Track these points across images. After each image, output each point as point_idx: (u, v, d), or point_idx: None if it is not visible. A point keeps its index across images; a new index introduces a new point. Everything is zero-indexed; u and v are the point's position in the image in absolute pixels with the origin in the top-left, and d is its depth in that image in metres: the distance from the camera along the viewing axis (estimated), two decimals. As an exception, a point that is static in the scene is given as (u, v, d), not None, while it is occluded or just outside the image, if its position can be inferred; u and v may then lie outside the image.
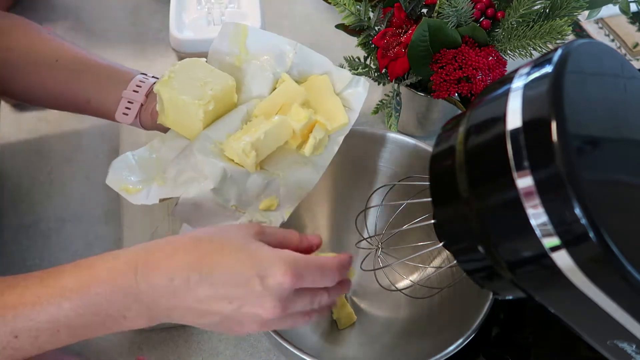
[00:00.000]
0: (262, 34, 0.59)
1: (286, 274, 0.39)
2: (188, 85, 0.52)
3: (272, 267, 0.39)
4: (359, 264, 0.59)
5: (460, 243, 0.41)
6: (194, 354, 0.61)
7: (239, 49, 0.58)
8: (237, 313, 0.40)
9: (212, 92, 0.52)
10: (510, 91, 0.36)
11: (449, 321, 0.55)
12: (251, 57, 0.58)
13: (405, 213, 0.59)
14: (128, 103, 0.57)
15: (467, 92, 0.63)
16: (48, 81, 0.59)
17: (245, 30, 0.58)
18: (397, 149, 0.63)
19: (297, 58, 0.59)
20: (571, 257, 0.32)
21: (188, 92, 0.52)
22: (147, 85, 0.57)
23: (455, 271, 0.59)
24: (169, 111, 0.54)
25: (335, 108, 0.57)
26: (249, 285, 0.39)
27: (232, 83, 0.54)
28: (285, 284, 0.39)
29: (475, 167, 0.37)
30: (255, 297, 0.39)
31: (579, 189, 0.31)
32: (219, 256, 0.39)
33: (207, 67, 0.54)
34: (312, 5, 1.00)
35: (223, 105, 0.55)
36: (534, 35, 0.61)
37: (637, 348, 0.36)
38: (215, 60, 0.58)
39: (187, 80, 0.53)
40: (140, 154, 0.55)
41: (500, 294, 0.42)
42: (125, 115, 0.57)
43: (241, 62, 0.58)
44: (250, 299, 0.39)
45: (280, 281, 0.38)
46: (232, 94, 0.55)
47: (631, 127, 0.38)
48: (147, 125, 0.59)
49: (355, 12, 0.67)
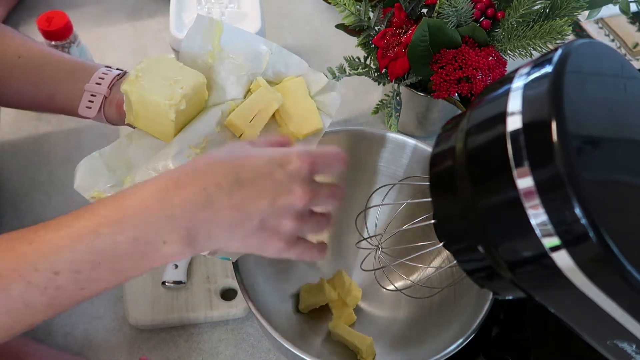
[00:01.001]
0: (237, 32, 0.57)
1: (301, 158, 0.41)
2: (157, 84, 0.50)
3: (287, 156, 0.41)
4: (359, 264, 0.59)
5: (460, 243, 0.41)
6: (194, 354, 0.61)
7: (212, 45, 0.56)
8: (272, 209, 0.40)
9: (183, 90, 0.50)
10: (510, 91, 0.36)
11: (449, 321, 0.55)
12: (225, 56, 0.56)
13: (405, 213, 0.59)
14: (91, 96, 0.55)
15: (467, 92, 0.63)
16: (11, 78, 0.57)
17: (220, 27, 0.56)
18: (397, 149, 0.63)
19: (273, 59, 0.57)
20: (571, 257, 0.32)
21: (158, 92, 0.50)
22: (110, 77, 0.56)
23: (455, 271, 0.59)
24: (138, 112, 0.52)
25: (309, 112, 0.57)
26: (274, 176, 0.40)
27: (202, 80, 0.52)
28: (304, 167, 0.40)
29: (475, 167, 0.37)
30: (283, 185, 0.40)
31: (579, 189, 0.31)
32: (240, 162, 0.40)
33: (176, 64, 0.52)
34: (312, 5, 1.00)
35: (194, 104, 0.53)
36: (534, 35, 0.61)
37: (637, 348, 0.36)
38: (188, 54, 0.56)
39: (156, 79, 0.50)
40: (106, 153, 0.52)
41: (500, 294, 0.42)
42: (88, 109, 0.55)
43: (214, 59, 0.56)
44: (279, 189, 0.40)
45: (299, 165, 0.40)
46: (203, 91, 0.53)
47: (631, 127, 0.38)
48: (112, 120, 0.57)
49: (355, 12, 0.67)
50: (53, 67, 0.57)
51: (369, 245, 0.58)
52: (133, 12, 0.98)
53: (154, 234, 0.39)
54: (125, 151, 0.53)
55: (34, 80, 0.57)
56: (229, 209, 0.39)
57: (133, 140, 0.54)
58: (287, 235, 0.41)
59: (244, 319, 0.64)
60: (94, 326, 0.62)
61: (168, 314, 0.61)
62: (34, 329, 0.61)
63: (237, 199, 0.39)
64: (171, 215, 0.39)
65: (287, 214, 0.41)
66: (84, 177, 0.51)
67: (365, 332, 0.59)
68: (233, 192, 0.39)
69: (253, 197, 0.39)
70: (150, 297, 0.62)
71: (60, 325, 0.62)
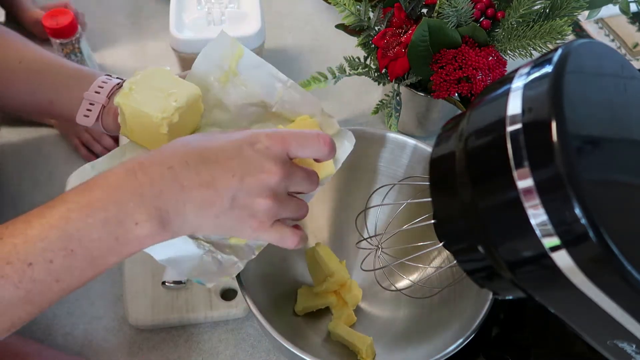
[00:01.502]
0: (256, 60, 0.55)
1: (270, 137, 0.41)
2: (150, 96, 0.50)
3: (255, 135, 0.41)
4: (359, 264, 0.59)
5: (460, 243, 0.41)
6: (194, 354, 0.61)
7: (228, 67, 0.55)
8: (242, 186, 0.39)
9: (177, 103, 0.49)
10: (510, 91, 0.36)
11: (449, 321, 0.55)
12: (239, 81, 0.55)
13: (405, 213, 0.59)
14: (89, 104, 0.55)
15: (467, 92, 0.63)
16: (11, 83, 0.57)
17: (241, 51, 0.55)
18: (397, 149, 0.63)
19: (287, 95, 0.55)
20: (571, 257, 0.32)
21: (150, 105, 0.49)
22: (109, 86, 0.56)
23: (455, 271, 0.59)
24: (132, 124, 0.51)
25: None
26: (243, 153, 0.40)
27: (197, 92, 0.51)
28: (274, 146, 0.40)
29: (475, 167, 0.37)
30: (253, 163, 0.40)
31: (579, 189, 0.31)
32: (207, 143, 0.41)
33: (171, 77, 0.52)
34: (312, 5, 1.00)
35: (189, 117, 0.52)
36: (534, 35, 0.61)
37: (637, 348, 0.36)
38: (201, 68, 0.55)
39: (149, 92, 0.50)
40: (100, 164, 0.52)
41: (500, 294, 0.42)
42: (86, 118, 0.55)
43: (227, 80, 0.55)
44: (249, 166, 0.40)
45: (268, 144, 0.40)
46: (199, 104, 0.52)
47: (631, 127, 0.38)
48: (109, 129, 0.57)
49: (355, 12, 0.67)
50: (54, 73, 0.57)
51: (369, 246, 0.58)
52: (133, 12, 0.98)
53: (124, 214, 0.38)
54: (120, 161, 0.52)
55: (34, 86, 0.57)
56: (197, 186, 0.39)
57: (127, 153, 0.53)
58: (262, 214, 0.41)
59: (244, 319, 0.64)
60: (94, 326, 0.62)
61: (168, 314, 0.61)
62: (33, 329, 0.61)
63: (205, 176, 0.39)
64: (140, 194, 0.38)
65: (261, 192, 0.40)
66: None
67: (365, 332, 0.59)
68: (200, 170, 0.39)
69: (221, 174, 0.39)
70: (150, 297, 0.62)
71: (60, 325, 0.62)
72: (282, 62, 0.90)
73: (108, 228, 0.38)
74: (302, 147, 0.42)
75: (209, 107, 0.54)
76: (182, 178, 0.39)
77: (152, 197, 0.39)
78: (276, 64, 0.55)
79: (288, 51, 0.94)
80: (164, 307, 0.61)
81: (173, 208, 0.39)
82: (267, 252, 0.61)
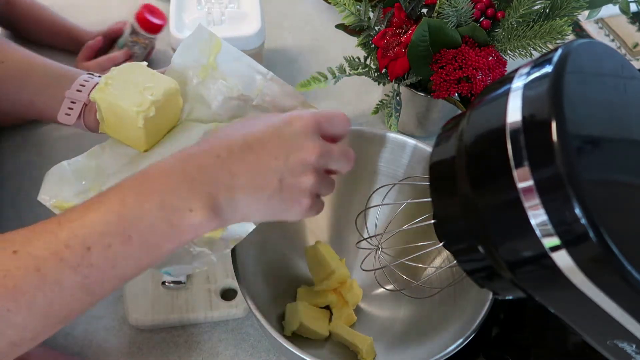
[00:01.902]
0: (235, 54, 0.56)
1: (303, 116, 0.42)
2: (126, 91, 0.50)
3: (290, 116, 0.42)
4: (359, 264, 0.59)
5: (460, 243, 0.41)
6: (194, 354, 0.61)
7: (207, 61, 0.55)
8: (287, 167, 0.41)
9: (153, 97, 0.49)
10: (510, 91, 0.36)
11: (449, 321, 0.55)
12: (218, 75, 0.55)
13: (405, 213, 0.59)
14: (71, 103, 0.55)
15: (467, 92, 0.63)
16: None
17: (219, 45, 0.55)
18: (397, 149, 0.63)
19: (267, 88, 0.56)
20: (571, 257, 0.32)
21: (126, 99, 0.49)
22: (91, 84, 0.55)
23: (455, 271, 0.59)
24: (109, 119, 0.51)
25: None
26: (282, 133, 0.41)
27: (175, 87, 0.52)
28: (309, 124, 0.41)
29: (475, 167, 0.37)
30: (293, 142, 0.41)
31: (579, 189, 0.31)
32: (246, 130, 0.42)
33: (148, 71, 0.52)
34: (312, 5, 1.00)
35: (167, 111, 0.52)
36: (534, 35, 0.61)
37: (637, 348, 0.36)
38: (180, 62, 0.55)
39: (125, 86, 0.50)
40: (77, 162, 0.51)
41: (500, 294, 0.42)
42: (67, 116, 0.55)
43: (206, 74, 0.55)
44: (290, 146, 0.41)
45: (303, 123, 0.41)
46: (177, 98, 0.53)
47: (631, 127, 0.38)
48: (92, 127, 0.57)
49: (355, 12, 0.67)
50: (36, 73, 0.57)
51: (369, 246, 0.58)
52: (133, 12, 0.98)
53: (178, 199, 0.39)
54: (98, 159, 0.52)
55: (15, 86, 0.57)
56: (245, 172, 0.40)
57: (106, 149, 0.53)
58: (309, 191, 0.42)
59: (244, 319, 0.64)
60: (94, 326, 0.62)
61: (168, 314, 0.61)
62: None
63: (251, 161, 0.40)
64: (192, 179, 0.39)
65: (305, 170, 0.41)
66: (49, 186, 0.50)
67: (365, 332, 0.59)
68: (245, 155, 0.40)
69: (266, 158, 0.40)
70: (150, 297, 0.62)
71: (60, 325, 0.62)
72: (282, 62, 0.90)
73: (163, 214, 0.39)
74: (331, 124, 0.43)
75: (189, 102, 0.54)
76: (229, 165, 0.40)
77: (203, 183, 0.39)
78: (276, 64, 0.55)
79: (288, 51, 0.94)
80: (164, 307, 0.61)
81: (224, 195, 0.40)
82: (267, 252, 0.61)
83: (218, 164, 0.40)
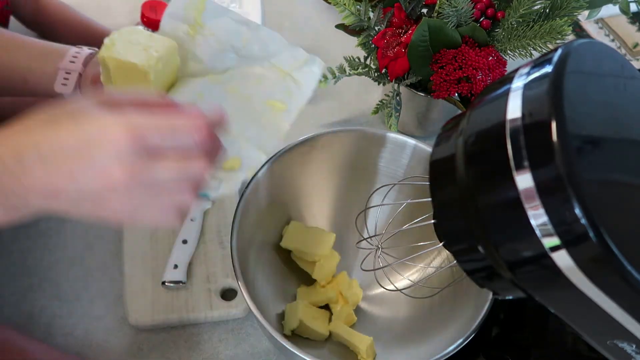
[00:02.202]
0: (219, 10, 0.58)
1: (118, 132, 0.35)
2: (132, 49, 0.52)
3: (103, 129, 0.35)
4: (359, 264, 0.59)
5: (460, 243, 0.41)
6: (194, 354, 0.61)
7: (194, 19, 0.57)
8: (85, 188, 0.35)
9: (157, 54, 0.51)
10: (510, 91, 0.36)
11: (449, 321, 0.55)
12: (207, 32, 0.57)
13: (405, 213, 0.59)
14: (66, 74, 0.57)
15: (467, 92, 0.63)
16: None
17: (203, 3, 0.57)
18: (397, 149, 0.63)
19: (252, 36, 0.58)
20: (571, 257, 0.32)
21: (135, 56, 0.51)
22: (83, 55, 0.57)
23: (455, 271, 0.59)
24: (117, 78, 0.53)
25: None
26: (80, 153, 0.35)
27: (173, 44, 0.54)
28: (118, 143, 0.34)
29: (475, 167, 0.37)
30: (91, 164, 0.35)
31: (579, 189, 0.31)
32: (52, 131, 0.36)
33: (146, 33, 0.54)
34: (313, 6, 1.00)
35: (169, 69, 0.54)
36: (534, 35, 0.61)
37: (637, 348, 0.36)
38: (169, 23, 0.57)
39: (129, 45, 0.52)
40: None
41: (500, 294, 0.42)
42: (64, 86, 0.57)
43: (195, 32, 0.57)
44: (86, 168, 0.35)
45: (110, 139, 0.34)
46: (175, 55, 0.55)
47: (631, 127, 0.38)
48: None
49: (355, 12, 0.67)
50: (26, 51, 0.58)
51: (369, 246, 0.58)
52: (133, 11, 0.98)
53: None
54: None
55: (7, 65, 0.58)
56: (38, 186, 0.36)
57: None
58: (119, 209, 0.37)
59: (244, 319, 0.63)
60: (94, 326, 0.62)
61: (168, 314, 0.61)
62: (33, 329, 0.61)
63: (39, 175, 0.35)
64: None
65: (108, 195, 0.36)
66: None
67: (365, 332, 0.59)
68: (34, 169, 0.35)
69: (58, 178, 0.35)
70: (150, 297, 0.62)
71: (60, 325, 0.62)
72: (282, 62, 0.90)
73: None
74: (163, 137, 0.36)
75: (183, 60, 0.56)
76: (18, 175, 0.35)
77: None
78: (276, 64, 0.55)
79: (288, 51, 0.94)
80: (164, 307, 0.61)
81: (19, 200, 0.36)
82: (267, 252, 0.61)
83: (6, 172, 0.35)
